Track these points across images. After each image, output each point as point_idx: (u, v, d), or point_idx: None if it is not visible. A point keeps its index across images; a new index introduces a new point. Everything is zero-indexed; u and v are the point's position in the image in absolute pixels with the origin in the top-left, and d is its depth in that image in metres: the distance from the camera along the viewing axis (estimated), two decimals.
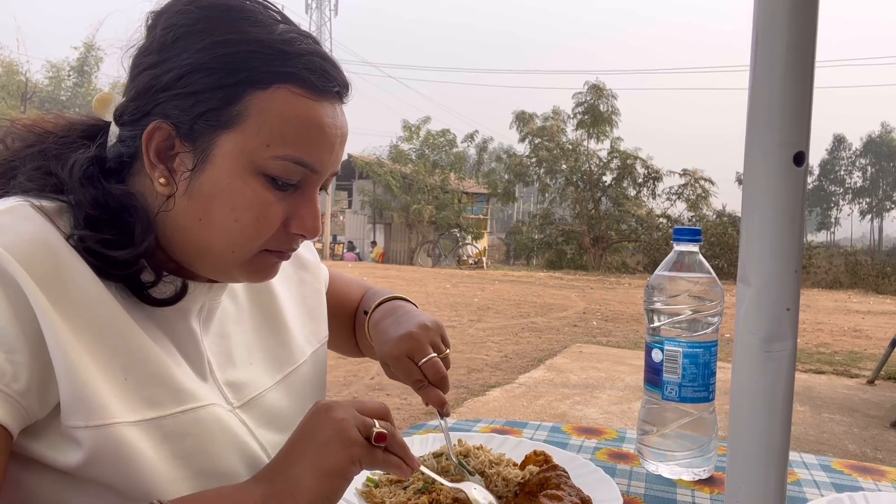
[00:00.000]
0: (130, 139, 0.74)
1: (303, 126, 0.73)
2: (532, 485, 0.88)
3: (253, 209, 0.73)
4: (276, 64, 0.72)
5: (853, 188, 55.25)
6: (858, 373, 6.71)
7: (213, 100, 0.71)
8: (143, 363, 0.70)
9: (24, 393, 0.62)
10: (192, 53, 0.71)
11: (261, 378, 0.88)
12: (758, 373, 0.44)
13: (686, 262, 1.05)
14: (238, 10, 0.74)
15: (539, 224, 27.97)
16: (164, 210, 0.74)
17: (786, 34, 0.42)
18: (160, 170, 0.72)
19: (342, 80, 0.77)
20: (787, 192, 0.43)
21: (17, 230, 0.65)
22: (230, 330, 0.86)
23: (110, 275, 0.70)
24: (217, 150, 0.72)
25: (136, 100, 0.73)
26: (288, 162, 0.72)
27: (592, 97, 26.21)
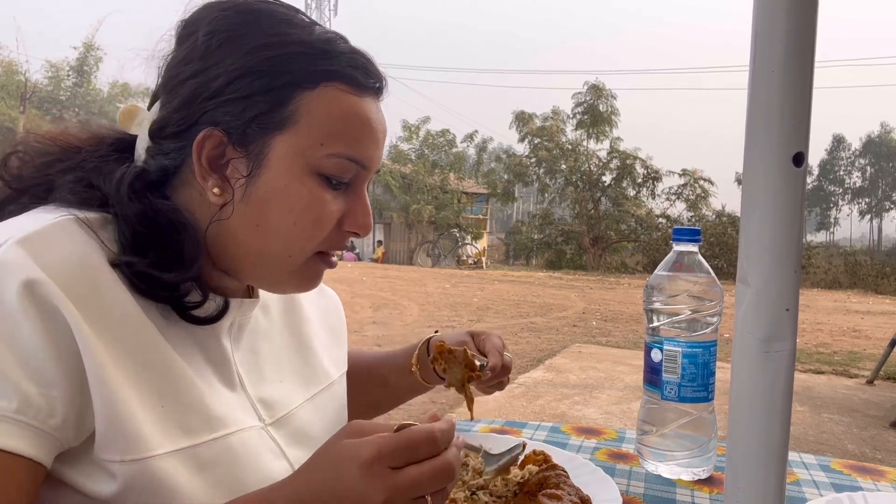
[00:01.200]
0: (175, 151, 0.72)
1: (352, 122, 0.73)
2: (531, 484, 0.88)
3: (312, 210, 0.72)
4: (322, 63, 0.72)
5: (852, 188, 55.24)
6: (858, 373, 6.71)
7: (264, 103, 0.70)
8: (180, 389, 0.69)
9: (60, 427, 0.61)
10: (238, 58, 0.70)
11: (291, 396, 0.87)
12: (757, 373, 0.44)
13: (685, 262, 1.05)
14: (275, 13, 0.74)
15: (538, 224, 27.97)
16: (220, 219, 0.72)
17: (785, 34, 0.42)
18: (214, 179, 0.71)
19: (380, 75, 0.78)
20: (787, 192, 0.43)
21: (61, 249, 0.63)
22: (261, 346, 0.85)
23: (156, 297, 0.69)
24: (272, 154, 0.71)
25: (181, 110, 0.72)
26: (342, 159, 0.73)
27: (592, 97, 26.20)
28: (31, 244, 0.62)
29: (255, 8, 0.74)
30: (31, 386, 0.59)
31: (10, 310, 0.59)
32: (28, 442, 0.59)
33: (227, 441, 0.72)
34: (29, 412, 0.59)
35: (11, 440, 0.58)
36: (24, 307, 0.59)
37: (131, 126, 0.76)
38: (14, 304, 0.59)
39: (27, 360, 0.59)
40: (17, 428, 0.58)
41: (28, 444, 0.59)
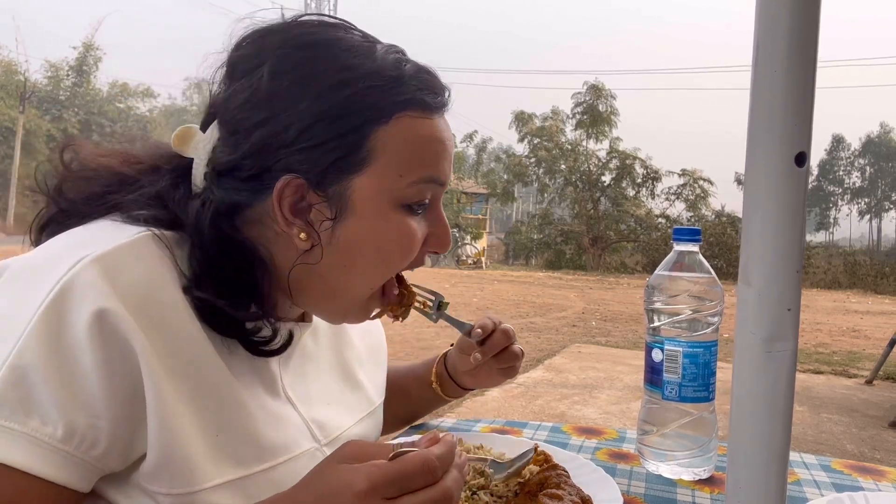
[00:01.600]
0: (249, 192, 0.71)
1: (427, 146, 0.72)
2: (532, 484, 0.88)
3: (401, 243, 0.73)
4: (393, 94, 0.70)
5: (852, 188, 55.26)
6: (857, 373, 6.72)
7: (341, 147, 0.69)
8: (238, 420, 0.68)
9: (101, 457, 0.61)
10: (309, 103, 0.68)
11: (341, 417, 0.87)
12: (759, 373, 0.44)
13: (686, 262, 1.05)
14: (335, 41, 0.71)
15: (538, 224, 27.97)
16: (306, 262, 0.71)
17: (787, 34, 0.42)
18: (298, 225, 0.70)
19: (444, 87, 0.76)
20: (789, 192, 0.43)
21: (136, 272, 0.62)
22: (308, 370, 0.85)
23: (229, 333, 0.68)
24: (355, 195, 0.70)
25: (252, 157, 0.69)
26: (422, 184, 0.72)
27: (591, 97, 26.22)
28: (107, 263, 0.61)
29: (315, 40, 0.71)
30: (79, 415, 0.59)
31: (74, 338, 0.58)
32: (67, 471, 0.59)
33: (279, 470, 0.72)
34: (72, 442, 0.59)
35: (51, 468, 0.58)
36: (90, 337, 0.58)
37: (186, 149, 0.73)
38: (81, 333, 0.58)
39: (82, 389, 0.59)
40: (58, 457, 0.58)
41: (67, 473, 0.59)
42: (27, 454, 0.57)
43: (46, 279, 0.60)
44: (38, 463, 0.57)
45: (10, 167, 27.97)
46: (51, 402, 0.58)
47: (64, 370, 0.58)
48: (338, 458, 0.60)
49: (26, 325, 0.58)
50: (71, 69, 33.39)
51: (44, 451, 0.57)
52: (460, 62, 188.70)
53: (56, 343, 0.58)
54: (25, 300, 0.60)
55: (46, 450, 0.57)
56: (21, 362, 0.57)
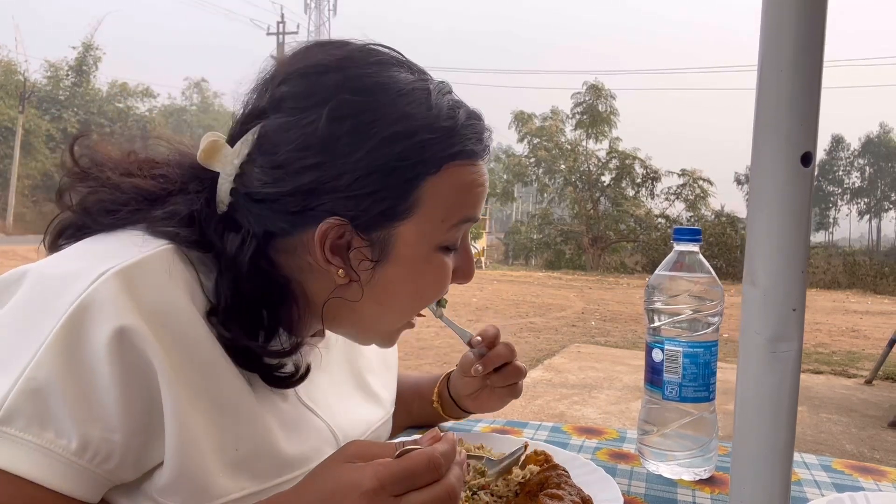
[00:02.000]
0: (285, 224, 0.70)
1: (470, 191, 0.74)
2: (532, 484, 0.88)
3: (437, 282, 0.75)
4: (445, 146, 0.71)
5: (851, 188, 55.29)
6: (856, 373, 6.72)
7: (391, 198, 0.69)
8: (255, 434, 0.69)
9: (114, 470, 0.61)
10: (364, 154, 0.67)
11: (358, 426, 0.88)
12: (763, 373, 0.44)
13: (686, 262, 1.04)
14: (392, 86, 0.70)
15: (538, 224, 28.00)
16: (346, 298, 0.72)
17: (794, 34, 0.42)
18: (337, 263, 0.70)
19: (489, 132, 0.77)
20: (795, 192, 0.42)
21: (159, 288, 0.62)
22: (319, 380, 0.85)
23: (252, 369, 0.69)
24: (398, 241, 0.71)
25: (297, 196, 0.68)
26: (460, 224, 0.74)
27: (591, 97, 26.25)
28: (130, 279, 0.61)
29: (372, 84, 0.70)
30: (94, 430, 0.59)
31: (93, 353, 0.58)
32: (79, 484, 0.59)
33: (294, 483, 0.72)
34: (86, 455, 0.59)
35: (63, 481, 0.58)
36: (109, 353, 0.58)
37: (213, 163, 0.71)
38: (100, 349, 0.58)
39: (98, 403, 0.59)
40: (71, 470, 0.58)
41: (78, 485, 0.59)
42: (41, 466, 0.57)
43: (67, 291, 0.60)
44: (52, 475, 0.57)
45: (10, 167, 27.96)
46: (66, 416, 0.58)
47: (81, 384, 0.58)
48: (342, 458, 0.60)
49: (45, 338, 0.58)
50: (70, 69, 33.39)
51: (57, 464, 0.58)
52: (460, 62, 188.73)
53: (74, 358, 0.58)
54: (45, 311, 0.60)
55: (60, 462, 0.58)
56: (38, 375, 0.57)
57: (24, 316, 0.60)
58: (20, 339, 0.59)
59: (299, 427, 0.75)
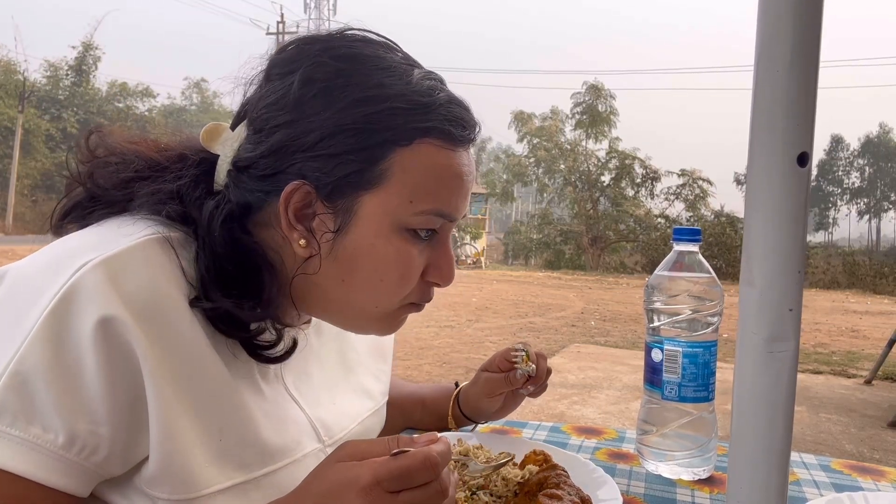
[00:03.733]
0: (260, 192, 0.71)
1: (444, 178, 0.71)
2: (531, 484, 0.88)
3: (398, 267, 0.72)
4: (418, 119, 0.69)
5: (851, 189, 55.28)
6: (856, 373, 6.72)
7: (357, 161, 0.68)
8: (239, 423, 0.68)
9: (102, 463, 0.61)
10: (333, 113, 0.68)
11: (346, 417, 0.87)
12: (760, 373, 0.44)
13: (686, 262, 1.05)
14: (372, 59, 0.71)
15: (537, 224, 27.99)
16: (305, 272, 0.71)
17: (790, 34, 0.42)
18: (300, 231, 0.70)
19: (475, 123, 0.76)
20: (791, 192, 0.43)
21: (142, 277, 0.62)
22: (311, 369, 0.85)
23: (232, 335, 0.68)
24: (361, 211, 0.70)
25: (269, 157, 0.70)
26: (430, 215, 0.71)
27: (591, 97, 26.25)
28: (112, 268, 0.61)
29: (351, 54, 0.71)
30: (81, 422, 0.59)
31: (77, 345, 0.58)
32: (68, 477, 0.59)
33: (281, 474, 0.72)
34: (73, 448, 0.59)
35: (52, 475, 0.58)
36: (94, 344, 0.58)
37: (214, 145, 0.73)
38: (84, 340, 0.58)
39: (83, 396, 0.59)
40: (59, 464, 0.58)
41: (67, 479, 0.59)
42: (28, 461, 0.57)
43: (50, 284, 0.60)
44: (40, 470, 0.57)
45: (10, 167, 27.95)
46: (52, 409, 0.58)
47: (66, 377, 0.58)
48: (337, 458, 0.60)
49: (29, 331, 0.58)
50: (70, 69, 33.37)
51: (45, 458, 0.57)
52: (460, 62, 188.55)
53: (59, 349, 0.58)
54: (28, 306, 0.59)
55: (48, 456, 0.58)
56: (23, 368, 0.57)
57: (6, 312, 0.60)
58: (3, 335, 0.59)
59: (281, 417, 0.75)
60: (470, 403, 1.12)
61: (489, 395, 1.08)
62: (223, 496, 0.65)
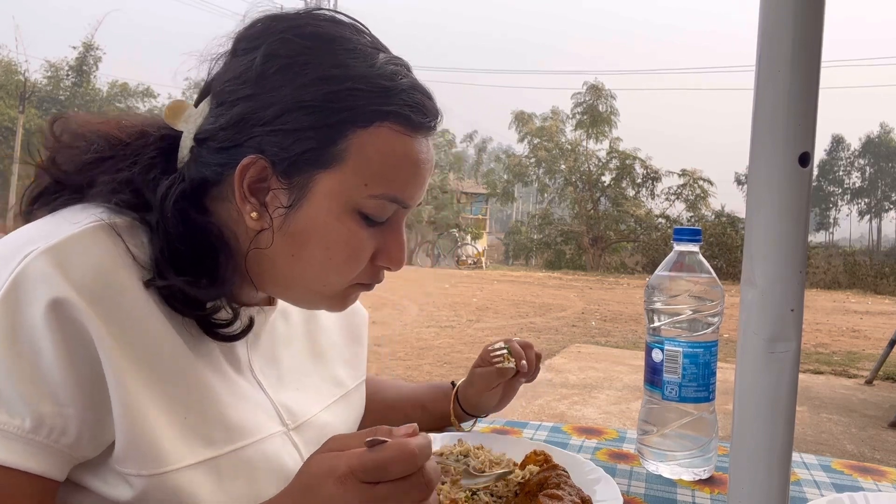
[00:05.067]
0: (217, 166, 0.71)
1: (400, 164, 0.72)
2: (532, 484, 0.88)
3: (347, 247, 0.72)
4: (379, 102, 0.70)
5: (852, 189, 55.23)
6: (857, 373, 6.72)
7: (314, 139, 0.68)
8: (204, 401, 0.69)
9: (73, 444, 0.61)
10: (293, 89, 0.68)
11: (311, 402, 0.87)
12: (761, 373, 0.44)
13: (686, 262, 1.05)
14: (338, 40, 0.71)
15: (538, 224, 28.00)
16: (258, 247, 0.72)
17: (791, 35, 0.42)
18: (252, 204, 0.71)
19: (436, 111, 0.75)
20: (792, 192, 0.42)
21: (89, 261, 0.62)
22: (280, 354, 0.86)
23: (186, 313, 0.69)
24: (315, 189, 0.70)
25: (228, 129, 0.70)
26: (384, 200, 0.72)
27: (591, 97, 26.24)
28: (58, 255, 0.61)
29: (318, 32, 0.71)
30: (46, 405, 0.59)
31: (32, 329, 0.59)
32: (40, 460, 0.59)
33: (249, 451, 0.72)
34: (42, 431, 0.59)
35: (24, 459, 0.58)
36: (48, 326, 0.59)
37: (177, 122, 0.74)
38: (38, 324, 0.59)
39: (45, 379, 0.59)
40: (30, 447, 0.59)
41: (40, 462, 0.59)
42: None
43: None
44: (11, 455, 0.58)
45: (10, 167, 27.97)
46: (15, 395, 0.58)
47: (24, 361, 0.59)
48: (321, 451, 0.61)
49: None
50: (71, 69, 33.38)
51: (15, 443, 0.58)
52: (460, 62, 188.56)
53: (14, 335, 0.59)
54: None
55: (17, 441, 0.58)
56: None
57: None
58: None
59: (244, 399, 0.76)
60: (469, 400, 1.13)
61: (487, 390, 1.11)
62: (194, 471, 0.66)
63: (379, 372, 5.87)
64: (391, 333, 7.90)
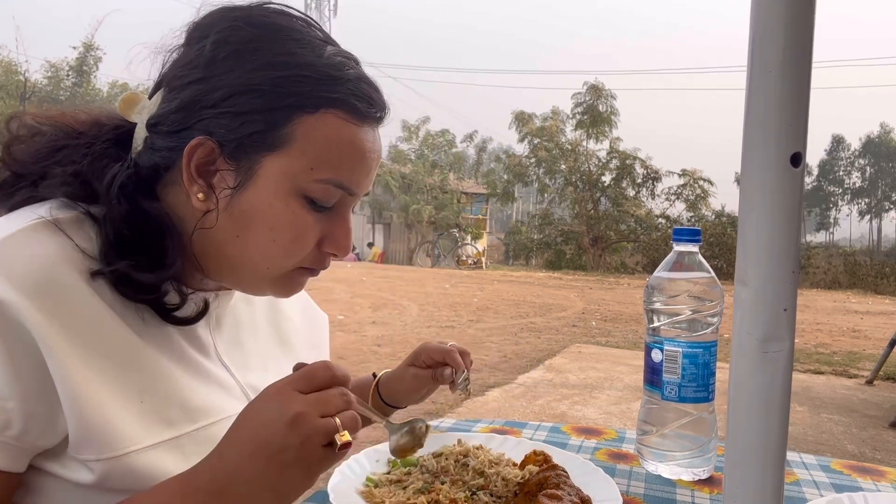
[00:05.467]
0: (167, 150, 0.73)
1: (346, 151, 0.73)
2: (531, 484, 0.88)
3: (291, 230, 0.73)
4: (325, 89, 0.72)
5: (852, 189, 55.21)
6: (857, 373, 6.72)
7: (261, 122, 0.71)
8: (159, 384, 0.71)
9: (20, 436, 0.63)
10: (242, 73, 0.70)
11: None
12: (755, 373, 0.44)
13: (686, 263, 1.05)
14: (287, 30, 0.73)
15: (538, 224, 27.95)
16: (203, 227, 0.74)
17: (782, 35, 0.42)
18: (199, 185, 0.72)
19: (383, 104, 0.78)
20: (784, 192, 0.43)
21: (29, 258, 0.64)
22: (244, 338, 0.88)
23: (135, 298, 0.70)
24: (261, 171, 0.72)
25: (178, 112, 0.72)
26: (329, 185, 0.73)
27: (591, 97, 26.19)
28: None
29: (267, 21, 0.73)
30: None
31: None
32: None
33: (213, 429, 0.74)
34: None
35: None
36: None
37: (131, 114, 0.77)
38: None
39: None
40: None
41: None
42: None
43: None
44: None
45: None
46: None
47: None
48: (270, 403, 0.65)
49: None
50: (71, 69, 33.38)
51: None
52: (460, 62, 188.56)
53: None
54: None
55: None
56: None
57: None
58: None
59: (209, 380, 0.78)
60: (394, 395, 1.15)
61: (417, 391, 1.12)
62: (155, 451, 0.68)
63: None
64: (391, 333, 7.90)
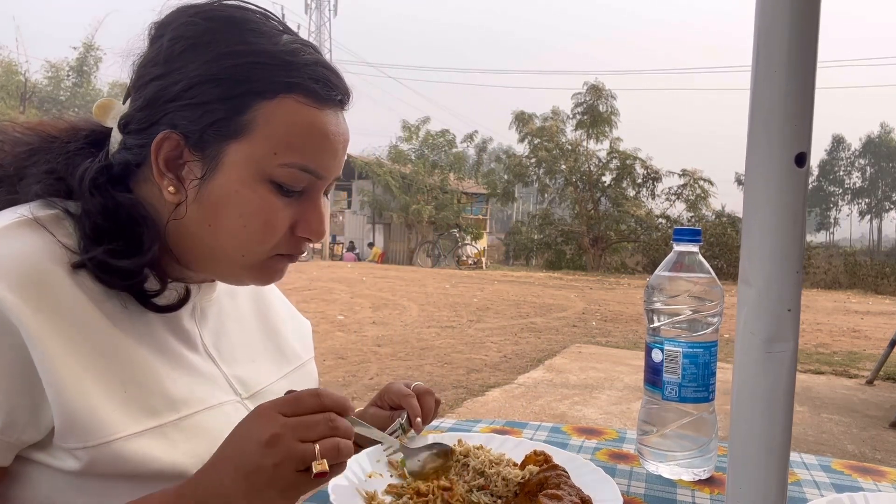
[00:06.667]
0: (137, 147, 0.75)
1: (308, 134, 0.74)
2: (532, 485, 0.88)
3: (261, 215, 0.75)
4: (282, 74, 0.73)
5: (852, 189, 55.20)
6: (857, 373, 6.71)
7: (221, 110, 0.72)
8: (140, 375, 0.72)
9: (5, 430, 0.64)
10: (199, 65, 0.72)
11: (264, 374, 0.90)
12: (759, 374, 0.44)
13: (686, 263, 1.05)
14: (242, 21, 0.75)
15: (538, 224, 27.92)
16: (175, 218, 0.75)
17: (787, 35, 0.42)
18: (169, 178, 0.74)
19: (344, 88, 0.79)
20: (789, 192, 0.43)
21: (11, 254, 0.66)
22: (230, 328, 0.89)
23: (115, 285, 0.72)
24: (226, 159, 0.73)
25: (144, 109, 0.74)
26: (294, 169, 0.74)
27: (591, 97, 26.18)
28: None
29: (223, 14, 0.75)
30: None
31: None
32: None
33: (198, 417, 0.75)
34: None
35: None
36: None
37: (106, 119, 0.79)
38: None
39: None
40: None
41: None
42: None
43: None
44: None
45: None
46: None
47: None
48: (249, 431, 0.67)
49: None
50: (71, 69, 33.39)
51: None
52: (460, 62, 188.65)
53: None
54: None
55: None
56: None
57: None
58: None
59: (193, 371, 0.79)
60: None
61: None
62: (140, 439, 0.69)
63: (379, 372, 5.87)
64: (392, 333, 7.90)
